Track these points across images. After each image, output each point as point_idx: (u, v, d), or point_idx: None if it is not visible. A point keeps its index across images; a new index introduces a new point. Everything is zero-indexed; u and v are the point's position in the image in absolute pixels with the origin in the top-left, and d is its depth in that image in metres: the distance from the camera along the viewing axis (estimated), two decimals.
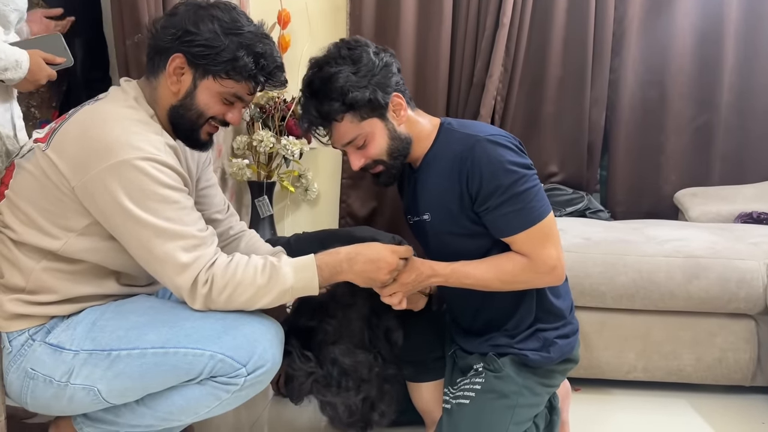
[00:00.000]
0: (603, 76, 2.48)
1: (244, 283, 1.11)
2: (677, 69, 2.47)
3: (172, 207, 1.09)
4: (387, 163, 1.31)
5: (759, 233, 1.99)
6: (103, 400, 1.12)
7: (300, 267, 1.16)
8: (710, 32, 2.44)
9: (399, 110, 1.29)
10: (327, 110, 1.24)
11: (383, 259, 1.19)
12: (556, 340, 1.34)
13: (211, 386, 1.12)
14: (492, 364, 1.34)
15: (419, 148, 1.34)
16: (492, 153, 1.23)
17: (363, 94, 1.23)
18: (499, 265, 1.27)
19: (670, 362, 1.80)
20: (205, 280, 1.10)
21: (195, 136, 1.22)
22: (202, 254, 1.10)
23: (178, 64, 1.15)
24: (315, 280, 1.16)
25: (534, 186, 1.25)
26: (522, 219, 1.24)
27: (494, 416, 1.29)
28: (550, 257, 1.26)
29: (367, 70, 1.25)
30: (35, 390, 1.13)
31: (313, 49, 2.59)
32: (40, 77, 1.40)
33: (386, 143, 1.29)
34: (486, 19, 2.40)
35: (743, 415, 1.75)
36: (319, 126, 1.29)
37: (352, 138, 1.27)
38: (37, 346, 1.12)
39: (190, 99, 1.18)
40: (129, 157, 1.07)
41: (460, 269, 1.28)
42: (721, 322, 1.81)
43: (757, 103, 2.47)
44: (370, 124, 1.27)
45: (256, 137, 2.38)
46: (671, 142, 2.50)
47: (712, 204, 2.36)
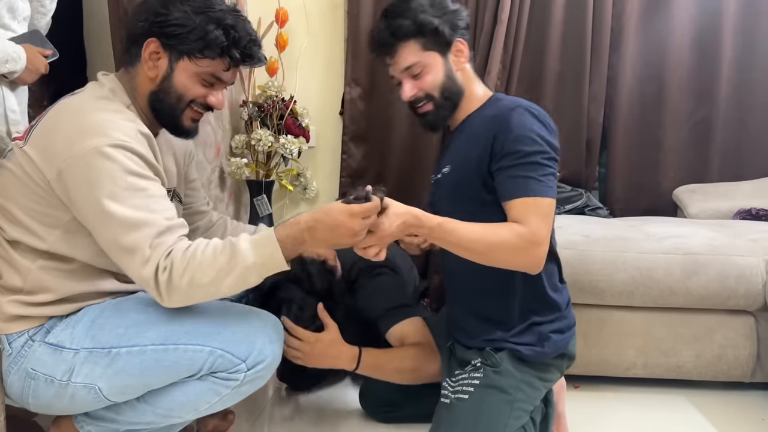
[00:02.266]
0: (601, 72, 2.47)
1: (204, 264, 1.06)
2: (676, 64, 2.46)
3: (140, 194, 1.07)
4: (437, 100, 1.35)
5: (758, 229, 1.99)
6: (104, 398, 1.12)
7: (259, 242, 1.09)
8: (708, 26, 2.44)
9: (460, 56, 1.35)
10: (397, 27, 1.31)
11: (342, 225, 1.10)
12: (550, 335, 1.34)
13: (211, 382, 1.12)
14: (490, 359, 1.35)
15: (466, 108, 1.38)
16: (527, 121, 1.26)
17: (433, 21, 1.30)
18: (487, 228, 1.23)
19: (669, 359, 1.81)
20: (164, 267, 1.05)
21: (177, 122, 1.21)
22: (162, 241, 1.06)
23: (153, 49, 1.15)
24: (278, 254, 1.09)
25: (550, 168, 1.26)
26: (528, 186, 1.24)
27: (493, 411, 1.30)
28: (540, 230, 1.22)
29: (442, 5, 1.33)
30: (36, 390, 1.13)
31: (312, 48, 2.63)
32: (39, 66, 1.48)
33: (441, 79, 1.34)
34: (484, 15, 2.39)
35: (743, 412, 1.75)
36: (386, 47, 1.34)
37: (411, 63, 1.32)
38: (37, 347, 1.13)
39: (168, 82, 1.17)
40: (97, 143, 1.05)
41: (446, 224, 1.22)
42: (720, 319, 1.81)
43: (755, 97, 2.47)
44: (431, 56, 1.33)
45: (254, 136, 2.38)
46: (670, 138, 2.50)
47: (711, 201, 2.36)
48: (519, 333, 1.35)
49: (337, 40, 2.62)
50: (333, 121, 2.66)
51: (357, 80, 2.54)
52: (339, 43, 2.62)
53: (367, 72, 2.53)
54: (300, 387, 1.85)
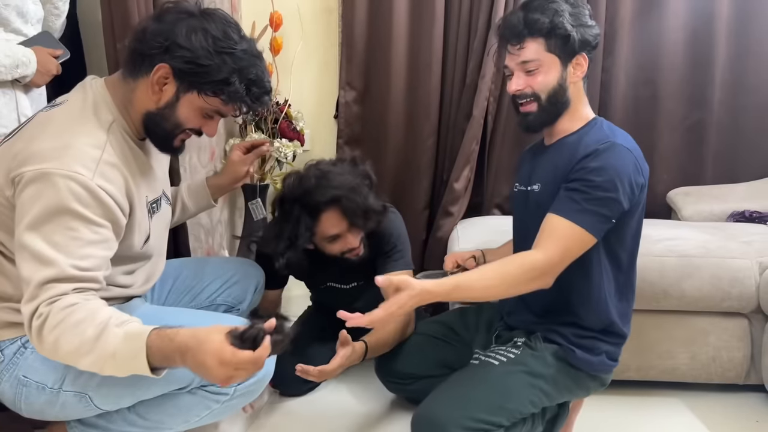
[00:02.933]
0: (595, 76, 2.47)
1: (72, 330, 0.98)
2: (669, 67, 2.47)
3: (65, 233, 1.01)
4: (543, 103, 1.36)
5: (751, 232, 2.00)
6: (95, 406, 1.12)
7: (129, 336, 0.98)
8: (701, 30, 2.45)
9: (578, 69, 1.37)
10: (532, 20, 1.31)
11: (211, 369, 0.94)
12: (603, 353, 1.38)
13: (202, 395, 1.12)
14: (534, 343, 1.38)
15: (566, 125, 1.39)
16: (612, 160, 1.27)
17: (567, 27, 1.31)
18: (501, 270, 1.26)
19: (664, 361, 1.81)
20: (40, 314, 0.99)
21: (168, 143, 1.20)
22: (54, 287, 0.99)
23: (162, 75, 1.11)
24: (141, 359, 0.97)
25: (607, 210, 1.26)
26: (576, 212, 1.26)
27: (515, 386, 1.32)
28: (553, 259, 1.25)
29: (581, 18, 1.35)
30: (29, 397, 1.13)
31: (306, 52, 2.63)
32: (51, 67, 1.49)
33: (553, 84, 1.35)
34: (478, 19, 2.40)
35: (737, 414, 1.76)
36: (514, 36, 1.34)
37: (530, 59, 1.33)
38: (29, 354, 1.12)
39: (170, 110, 1.14)
40: (51, 170, 1.01)
41: (461, 285, 1.22)
42: (714, 321, 1.82)
43: (748, 100, 2.48)
44: (552, 59, 1.34)
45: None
46: (664, 141, 2.50)
47: (704, 203, 2.36)
48: (581, 337, 1.38)
49: (331, 44, 2.63)
50: (327, 124, 2.66)
51: (351, 84, 2.54)
52: (333, 47, 2.62)
53: (361, 75, 2.53)
54: (293, 391, 1.85)
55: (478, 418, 1.25)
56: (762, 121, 2.48)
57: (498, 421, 1.27)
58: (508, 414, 1.29)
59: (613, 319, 1.39)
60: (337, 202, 1.58)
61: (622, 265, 1.40)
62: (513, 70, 1.37)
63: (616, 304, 1.39)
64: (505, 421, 1.28)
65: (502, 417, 1.28)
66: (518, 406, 1.30)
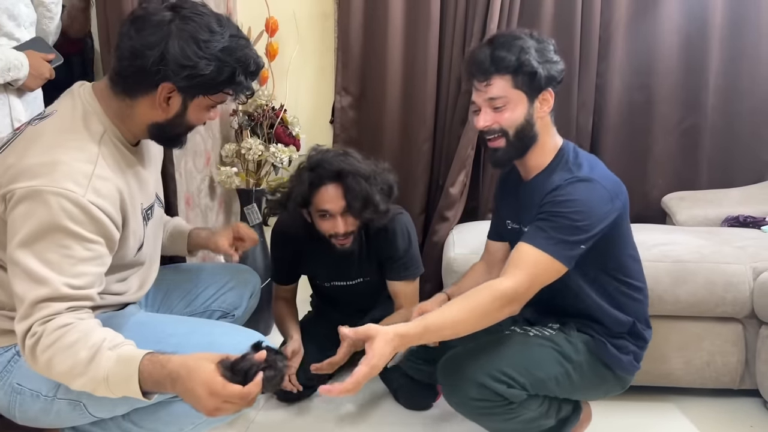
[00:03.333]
0: (590, 80, 2.49)
1: (65, 351, 0.98)
2: (663, 72, 2.48)
3: (58, 251, 1.00)
4: (510, 139, 1.38)
5: (746, 237, 2.01)
6: (89, 414, 1.12)
7: (124, 359, 0.98)
8: (695, 35, 2.46)
9: (544, 105, 1.39)
10: (499, 58, 1.33)
11: (199, 400, 0.95)
12: (631, 354, 1.42)
13: None
14: (568, 331, 1.41)
15: (536, 159, 1.42)
16: (581, 190, 1.30)
17: (533, 64, 1.33)
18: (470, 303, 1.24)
19: (658, 366, 1.81)
20: (34, 333, 0.98)
21: (178, 141, 1.23)
22: (48, 305, 0.99)
23: (167, 93, 1.11)
24: (134, 384, 0.97)
25: (577, 237, 1.27)
26: (543, 239, 1.28)
27: (545, 358, 1.35)
28: (520, 287, 1.25)
29: (546, 54, 1.37)
30: (23, 404, 1.12)
31: (302, 57, 2.63)
32: (43, 70, 1.49)
33: (520, 120, 1.36)
34: (473, 24, 2.40)
35: (731, 418, 1.76)
36: (481, 72, 1.36)
37: (497, 95, 1.35)
38: (24, 362, 1.11)
39: (180, 118, 1.15)
40: (42, 187, 1.00)
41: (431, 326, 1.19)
42: (708, 326, 1.82)
43: (742, 105, 2.49)
44: (518, 96, 1.35)
45: (244, 145, 2.37)
46: (658, 146, 2.51)
47: (699, 208, 2.37)
48: (611, 336, 1.41)
49: (327, 49, 2.63)
50: (323, 129, 2.66)
51: (347, 89, 2.55)
52: (329, 52, 2.63)
53: (357, 81, 2.54)
54: (290, 397, 1.84)
55: (503, 371, 1.28)
56: (756, 125, 2.49)
57: (522, 381, 1.30)
58: (532, 380, 1.31)
59: (632, 320, 1.42)
60: (342, 179, 1.62)
61: (620, 276, 1.43)
62: (480, 106, 1.39)
63: (628, 308, 1.42)
64: (528, 386, 1.31)
65: (526, 380, 1.31)
66: (543, 377, 1.33)
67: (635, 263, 1.47)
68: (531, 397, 1.33)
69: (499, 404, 1.29)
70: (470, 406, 1.32)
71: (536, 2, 2.44)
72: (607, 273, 1.41)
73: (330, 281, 1.89)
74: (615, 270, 1.42)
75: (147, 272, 1.33)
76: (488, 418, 1.33)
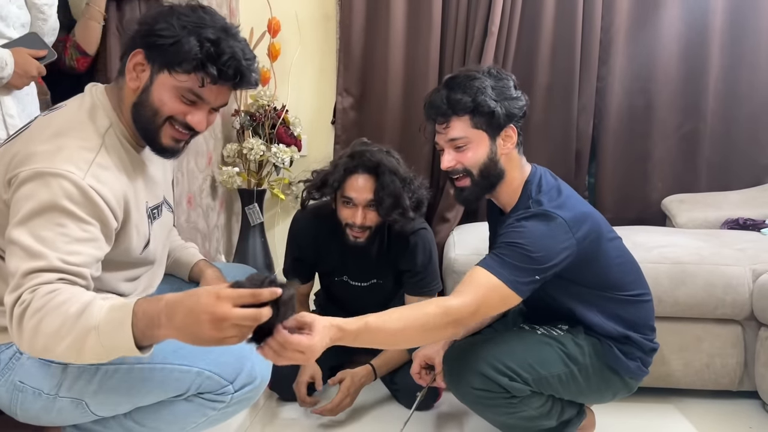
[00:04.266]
0: (590, 84, 2.50)
1: (56, 311, 0.92)
2: (664, 77, 2.49)
3: (54, 229, 0.99)
4: (475, 178, 1.38)
5: (745, 239, 2.02)
6: (91, 413, 1.12)
7: (114, 307, 0.93)
8: (695, 41, 2.48)
9: (507, 141, 1.38)
10: (455, 101, 1.34)
11: (204, 310, 0.86)
12: (638, 359, 1.43)
13: (199, 403, 1.12)
14: (576, 333, 1.41)
15: (506, 197, 1.42)
16: (534, 222, 1.30)
17: (490, 104, 1.33)
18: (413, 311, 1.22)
19: (658, 368, 1.82)
20: (23, 301, 0.94)
21: (155, 138, 1.14)
22: (38, 275, 0.96)
23: (137, 60, 1.11)
24: (126, 328, 0.90)
25: (529, 267, 1.26)
26: (496, 264, 1.27)
27: (549, 356, 1.35)
28: (467, 308, 1.22)
29: (504, 91, 1.36)
30: (24, 402, 1.12)
31: (304, 58, 2.64)
32: (30, 69, 1.46)
33: (483, 159, 1.37)
34: (475, 27, 2.42)
35: (730, 420, 1.77)
36: (439, 115, 1.37)
37: (457, 136, 1.36)
38: (25, 359, 1.12)
39: (146, 95, 1.11)
40: (42, 169, 1.01)
41: (370, 325, 1.13)
42: (708, 328, 1.83)
43: (742, 109, 2.50)
44: (479, 135, 1.36)
45: (246, 145, 2.38)
46: (658, 149, 2.52)
47: (699, 210, 2.38)
48: (617, 341, 1.41)
49: (329, 50, 2.64)
50: (325, 130, 2.67)
51: (349, 90, 2.56)
52: (331, 53, 2.64)
53: (358, 82, 2.55)
54: (291, 395, 1.85)
55: (506, 364, 1.29)
56: (755, 130, 2.51)
57: (525, 376, 1.31)
58: (535, 376, 1.32)
59: (627, 333, 1.41)
60: (378, 173, 1.63)
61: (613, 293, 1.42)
62: (443, 147, 1.40)
63: (621, 322, 1.41)
64: (531, 381, 1.32)
65: (529, 375, 1.31)
66: (546, 375, 1.33)
67: (627, 275, 1.45)
68: (534, 395, 1.33)
69: (500, 396, 1.30)
70: (472, 395, 1.32)
71: (537, 5, 2.45)
72: (597, 292, 1.41)
73: (344, 276, 1.88)
74: (604, 288, 1.41)
75: (154, 274, 1.33)
76: (489, 409, 1.34)
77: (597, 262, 1.38)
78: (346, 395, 1.64)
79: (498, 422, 1.40)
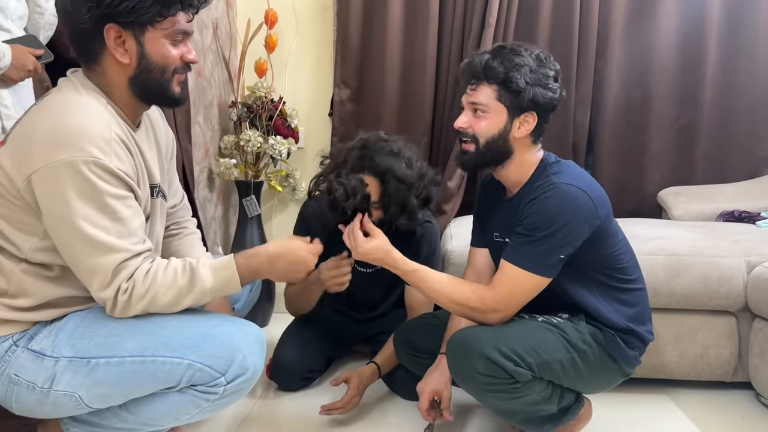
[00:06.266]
0: (588, 76, 2.50)
1: (165, 286, 1.11)
2: (661, 69, 2.49)
3: (109, 216, 1.07)
4: (480, 147, 1.40)
5: (740, 231, 2.03)
6: (85, 405, 1.12)
7: (219, 267, 1.17)
8: (693, 33, 2.47)
9: (524, 126, 1.39)
10: (491, 68, 1.35)
11: (302, 262, 1.25)
12: (637, 349, 1.45)
13: (192, 395, 1.12)
14: (576, 321, 1.42)
15: (516, 175, 1.44)
16: (558, 197, 1.32)
17: (520, 84, 1.34)
18: (454, 285, 1.39)
19: (653, 359, 1.83)
20: (125, 289, 1.09)
21: (168, 94, 1.18)
22: (125, 266, 1.09)
23: (114, 34, 1.10)
24: (235, 280, 1.17)
25: (558, 249, 1.32)
26: (521, 256, 1.34)
27: (551, 341, 1.36)
28: (502, 301, 1.35)
29: (541, 78, 1.36)
30: (19, 395, 1.13)
31: (301, 49, 2.63)
32: (26, 62, 1.48)
33: (493, 132, 1.38)
34: (472, 19, 2.41)
35: (724, 410, 1.78)
36: (472, 76, 1.39)
37: (480, 102, 1.38)
38: (20, 353, 1.12)
39: (146, 60, 1.13)
40: (71, 158, 1.03)
41: (419, 272, 1.40)
42: (702, 319, 1.84)
43: (738, 102, 2.50)
44: (499, 109, 1.37)
45: (243, 137, 2.38)
46: (655, 142, 2.53)
47: (694, 203, 2.39)
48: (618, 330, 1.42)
49: (326, 42, 2.63)
50: (322, 122, 2.66)
51: (346, 82, 2.55)
52: (328, 45, 2.63)
53: (356, 74, 2.55)
54: (290, 386, 1.86)
55: (511, 348, 1.30)
56: (752, 122, 2.51)
57: (529, 361, 1.31)
58: (539, 361, 1.32)
59: (630, 325, 1.43)
60: (384, 180, 1.59)
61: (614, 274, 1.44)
62: (464, 107, 1.42)
63: (623, 312, 1.43)
64: (534, 366, 1.32)
65: (533, 360, 1.31)
66: (549, 360, 1.34)
67: (628, 257, 1.48)
68: (535, 380, 1.34)
69: (504, 382, 1.30)
70: (476, 380, 1.32)
71: None
72: (602, 273, 1.42)
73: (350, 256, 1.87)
74: (609, 268, 1.43)
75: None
76: (492, 395, 1.33)
77: (607, 240, 1.41)
78: (355, 394, 1.64)
79: (500, 408, 1.39)
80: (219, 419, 1.65)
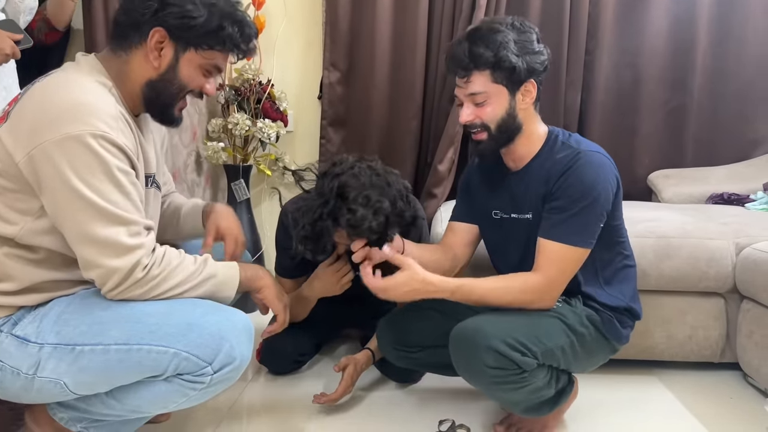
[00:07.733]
0: (578, 58, 2.48)
1: (176, 272, 1.13)
2: (651, 52, 2.48)
3: (118, 191, 1.07)
4: (492, 133, 1.38)
5: (729, 213, 2.04)
6: (70, 392, 1.11)
7: (227, 264, 1.24)
8: (684, 15, 2.46)
9: (527, 96, 1.38)
10: (477, 55, 1.32)
11: None
12: (629, 327, 1.47)
13: (178, 384, 1.11)
14: (574, 302, 1.42)
15: (524, 148, 1.43)
16: (590, 165, 1.33)
17: (512, 59, 1.32)
18: (501, 284, 1.35)
19: (642, 340, 1.84)
20: (145, 265, 1.09)
21: (170, 112, 1.21)
22: (145, 241, 1.10)
23: (158, 39, 1.13)
24: (236, 277, 1.22)
25: (595, 218, 1.34)
26: (565, 232, 1.33)
27: (552, 327, 1.36)
28: (554, 282, 1.34)
29: (527, 45, 1.35)
30: (4, 381, 1.11)
31: (289, 31, 2.59)
32: (3, 46, 1.48)
33: (501, 114, 1.37)
34: (463, 0, 2.38)
35: (712, 391, 1.79)
36: (460, 69, 1.35)
37: (477, 91, 1.35)
38: (4, 338, 1.10)
39: (172, 73, 1.16)
40: (77, 132, 1.03)
41: (464, 287, 1.32)
42: (691, 301, 1.85)
43: (729, 86, 2.50)
44: (499, 90, 1.35)
45: (231, 120, 2.35)
46: (645, 125, 2.52)
47: (684, 185, 2.39)
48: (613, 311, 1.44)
49: (315, 23, 2.60)
50: (311, 105, 2.64)
51: (335, 64, 2.52)
52: (317, 27, 2.59)
53: (345, 56, 2.51)
54: (280, 370, 1.85)
55: (517, 339, 1.29)
56: (742, 105, 2.51)
57: (534, 350, 1.30)
58: (542, 348, 1.32)
59: (627, 303, 1.45)
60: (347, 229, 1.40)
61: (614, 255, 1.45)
62: (462, 101, 1.39)
63: (623, 291, 1.45)
64: (539, 354, 1.31)
65: (538, 348, 1.31)
66: (552, 347, 1.34)
67: (625, 237, 1.50)
68: (539, 366, 1.33)
69: (513, 372, 1.29)
70: (486, 374, 1.29)
71: None
72: (604, 247, 1.42)
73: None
74: (611, 242, 1.44)
75: None
76: (500, 387, 1.31)
77: (617, 211, 1.42)
78: (349, 384, 1.63)
79: (506, 399, 1.38)
80: (210, 403, 1.63)
